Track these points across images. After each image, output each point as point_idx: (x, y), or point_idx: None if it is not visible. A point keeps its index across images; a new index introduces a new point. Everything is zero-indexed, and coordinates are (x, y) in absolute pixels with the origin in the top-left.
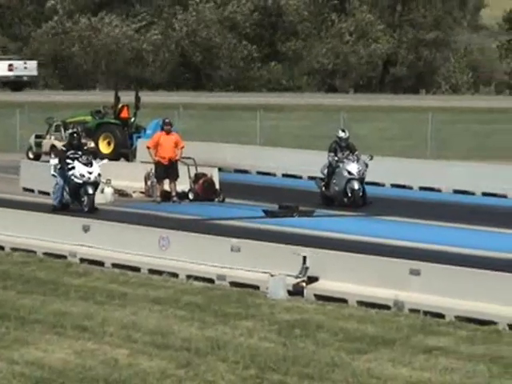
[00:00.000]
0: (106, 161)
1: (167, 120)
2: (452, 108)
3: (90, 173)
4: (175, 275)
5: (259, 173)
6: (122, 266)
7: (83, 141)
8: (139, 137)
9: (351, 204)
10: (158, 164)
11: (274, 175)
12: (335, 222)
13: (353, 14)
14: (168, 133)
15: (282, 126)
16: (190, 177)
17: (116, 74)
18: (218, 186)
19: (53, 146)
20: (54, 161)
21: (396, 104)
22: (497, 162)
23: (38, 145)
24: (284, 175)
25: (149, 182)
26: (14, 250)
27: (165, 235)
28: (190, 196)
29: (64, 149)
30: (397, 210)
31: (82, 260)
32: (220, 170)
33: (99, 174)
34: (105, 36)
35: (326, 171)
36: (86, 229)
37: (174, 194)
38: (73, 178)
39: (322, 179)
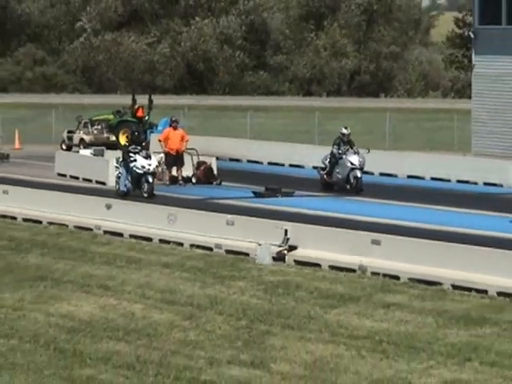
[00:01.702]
0: (162, 155)
1: (174, 118)
2: (406, 109)
3: (150, 165)
4: (181, 244)
5: (249, 161)
6: (138, 236)
7: (105, 135)
8: (152, 132)
9: (353, 190)
10: (167, 154)
11: (262, 163)
12: (312, 202)
13: (326, 32)
14: (175, 128)
15: (268, 124)
16: (193, 164)
17: (133, 80)
18: (215, 172)
19: (82, 140)
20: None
21: (360, 105)
22: (442, 153)
23: (70, 138)
24: (269, 163)
25: (159, 169)
26: (50, 223)
27: (173, 211)
28: (193, 180)
29: (127, 144)
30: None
31: (105, 232)
32: (217, 158)
33: (156, 166)
34: (124, 49)
35: (327, 161)
36: (108, 206)
37: (180, 178)
38: (135, 168)
39: (322, 168)
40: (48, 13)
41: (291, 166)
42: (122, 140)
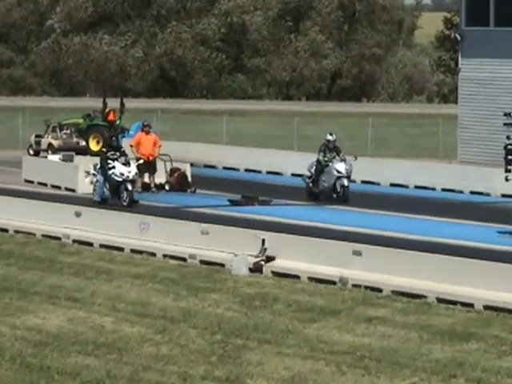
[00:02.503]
0: (141, 161)
1: (146, 123)
2: (389, 113)
3: (129, 172)
4: (153, 254)
5: (225, 168)
6: (108, 246)
7: (75, 139)
8: (123, 137)
9: (339, 199)
10: (139, 159)
11: (238, 170)
12: (290, 210)
13: (306, 34)
14: (147, 133)
15: (245, 129)
16: (166, 171)
17: (104, 83)
18: (190, 179)
19: (50, 144)
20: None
21: (342, 110)
22: (427, 160)
23: (38, 143)
24: (246, 170)
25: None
26: (17, 232)
27: (145, 220)
28: (167, 187)
29: (105, 150)
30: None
31: (74, 241)
32: (192, 165)
33: (136, 173)
34: (95, 51)
35: (313, 169)
36: (77, 214)
37: (152, 185)
38: (113, 176)
39: (308, 177)
40: (15, 12)
41: (269, 172)
42: (93, 145)
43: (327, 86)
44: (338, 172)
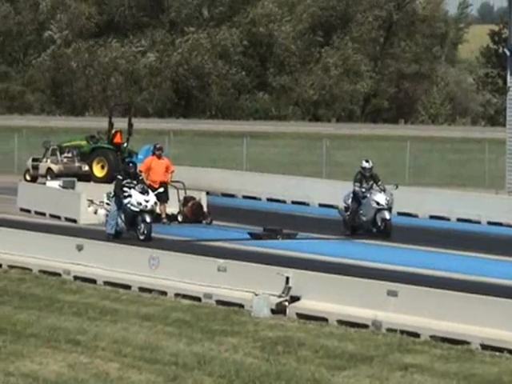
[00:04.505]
0: (161, 189)
1: (158, 145)
2: (429, 137)
3: (147, 201)
4: (164, 293)
5: (245, 197)
6: (114, 283)
7: (77, 164)
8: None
9: (380, 233)
10: (149, 187)
11: (260, 199)
12: (317, 245)
13: (337, 47)
14: (159, 157)
15: (268, 153)
16: (179, 200)
17: (110, 100)
18: (205, 209)
19: (49, 169)
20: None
21: (376, 133)
22: (471, 190)
23: (35, 167)
24: (269, 199)
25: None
26: (11, 267)
27: (155, 255)
28: (179, 218)
29: (120, 177)
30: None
31: (76, 277)
32: (208, 193)
33: (155, 203)
34: (102, 59)
35: (349, 201)
36: (79, 248)
37: (163, 216)
38: (129, 205)
39: (346, 208)
40: (11, 20)
41: (294, 202)
42: (97, 170)
43: (360, 107)
44: (378, 204)
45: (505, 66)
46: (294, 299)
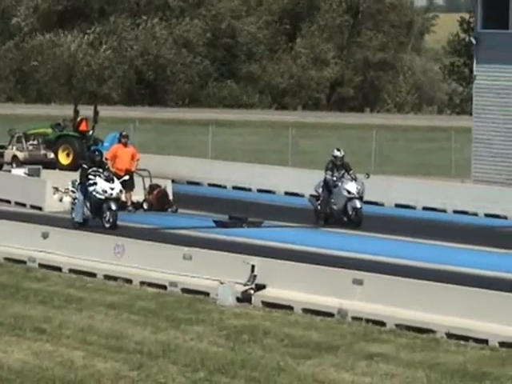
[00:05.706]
0: (127, 177)
1: (124, 133)
2: (395, 126)
3: (112, 189)
4: (129, 281)
5: (210, 185)
6: (79, 271)
7: (42, 151)
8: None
9: (351, 222)
10: (115, 175)
11: (225, 187)
12: (283, 233)
13: (303, 35)
14: (125, 145)
15: (234, 141)
16: (144, 188)
17: (75, 88)
18: (171, 197)
19: (14, 157)
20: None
21: (342, 121)
22: (437, 178)
23: (1, 155)
24: (234, 187)
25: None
26: None
27: (120, 243)
28: (145, 206)
29: (86, 165)
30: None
31: (41, 265)
32: (173, 181)
33: (121, 190)
34: (64, 50)
35: (320, 189)
36: (44, 235)
37: (129, 203)
38: (95, 193)
39: (316, 197)
40: None
41: (260, 191)
42: (62, 158)
43: (326, 95)
44: (349, 193)
45: (471, 54)
46: (260, 287)
